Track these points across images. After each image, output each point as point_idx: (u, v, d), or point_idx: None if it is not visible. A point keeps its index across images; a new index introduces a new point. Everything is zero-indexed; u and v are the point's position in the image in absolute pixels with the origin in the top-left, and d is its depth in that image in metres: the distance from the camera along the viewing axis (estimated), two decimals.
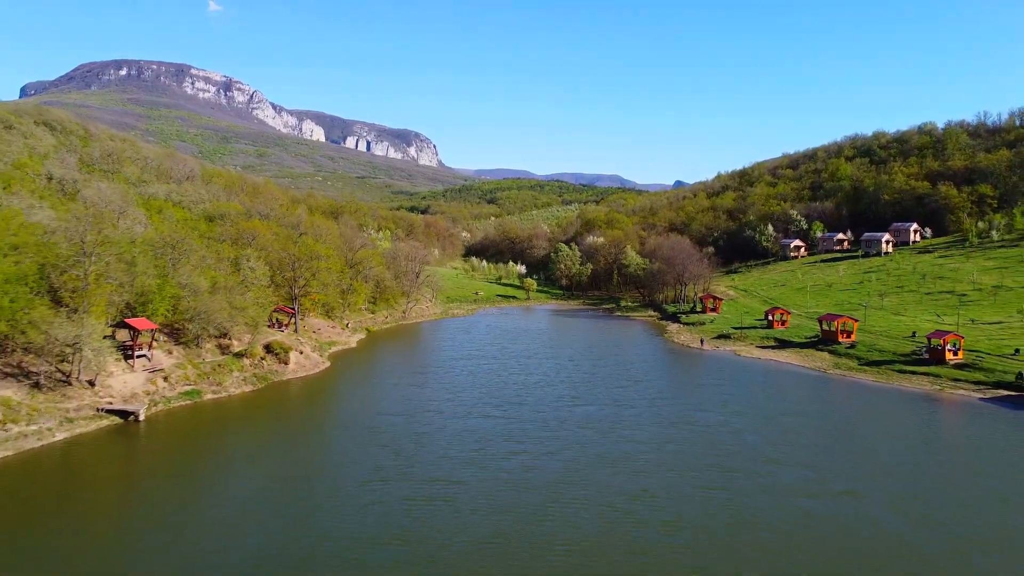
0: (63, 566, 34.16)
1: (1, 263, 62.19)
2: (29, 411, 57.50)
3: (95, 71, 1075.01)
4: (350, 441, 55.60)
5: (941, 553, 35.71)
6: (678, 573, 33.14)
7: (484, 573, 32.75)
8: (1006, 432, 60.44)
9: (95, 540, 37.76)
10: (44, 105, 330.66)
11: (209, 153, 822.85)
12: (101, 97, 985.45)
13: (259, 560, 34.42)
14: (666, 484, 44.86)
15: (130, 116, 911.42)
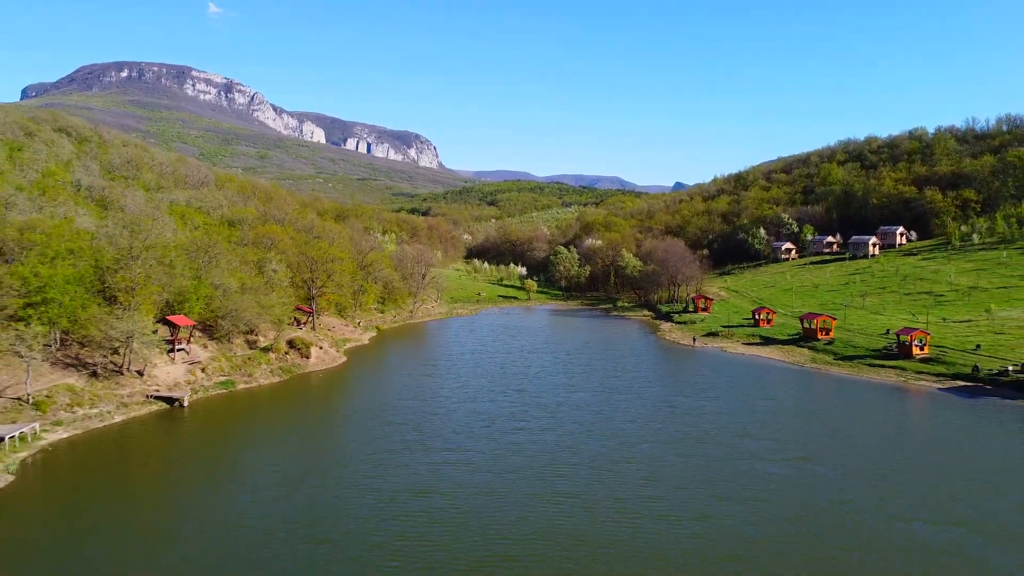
0: (126, 523, 42.32)
1: (60, 266, 70.47)
2: (91, 396, 65.81)
3: (96, 73, 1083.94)
4: (374, 421, 63.84)
5: (869, 503, 43.83)
6: (649, 514, 41.35)
7: (498, 515, 40.94)
8: (952, 416, 68.67)
9: (152, 504, 46.04)
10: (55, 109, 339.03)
11: (210, 155, 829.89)
12: (102, 99, 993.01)
13: (312, 508, 42.55)
14: (648, 452, 53.23)
15: (131, 118, 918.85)
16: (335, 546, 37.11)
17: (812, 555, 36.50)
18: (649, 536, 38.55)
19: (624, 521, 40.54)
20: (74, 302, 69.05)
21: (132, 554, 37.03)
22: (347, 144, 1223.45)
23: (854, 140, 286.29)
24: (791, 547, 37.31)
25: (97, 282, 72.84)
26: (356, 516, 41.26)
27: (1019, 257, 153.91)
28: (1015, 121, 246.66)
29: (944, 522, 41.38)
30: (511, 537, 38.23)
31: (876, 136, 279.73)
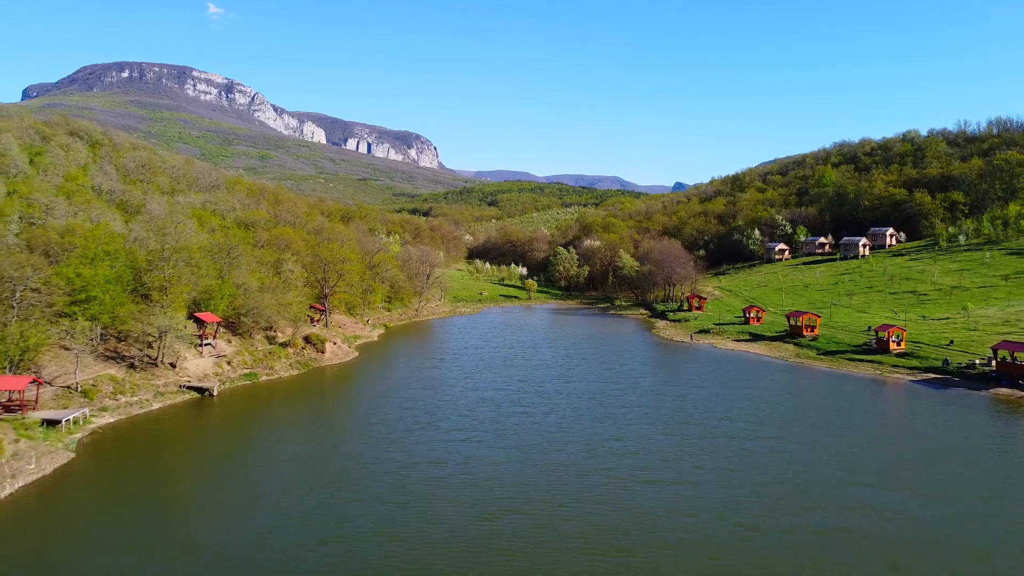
0: (166, 493, 49.02)
1: (100, 267, 77.06)
2: (131, 386, 72.42)
3: (97, 73, 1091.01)
4: (389, 406, 70.48)
5: (831, 473, 50.35)
6: (635, 480, 47.93)
7: (503, 480, 47.53)
8: (919, 404, 75.29)
9: (190, 479, 52.70)
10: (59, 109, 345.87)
11: (211, 155, 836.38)
12: (103, 99, 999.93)
13: (344, 472, 49.11)
14: (637, 432, 59.97)
15: (132, 118, 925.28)
16: (366, 503, 43.76)
17: (777, 512, 43.06)
18: (634, 496, 45.20)
19: (613, 484, 47.25)
20: (114, 300, 75.66)
21: (177, 514, 43.68)
22: (347, 144, 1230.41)
23: (849, 142, 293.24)
24: (758, 506, 43.88)
25: (133, 281, 79.39)
26: (382, 480, 47.95)
27: (1001, 258, 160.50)
28: (1005, 124, 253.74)
29: (893, 488, 47.96)
30: (515, 496, 44.88)
31: (870, 138, 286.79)
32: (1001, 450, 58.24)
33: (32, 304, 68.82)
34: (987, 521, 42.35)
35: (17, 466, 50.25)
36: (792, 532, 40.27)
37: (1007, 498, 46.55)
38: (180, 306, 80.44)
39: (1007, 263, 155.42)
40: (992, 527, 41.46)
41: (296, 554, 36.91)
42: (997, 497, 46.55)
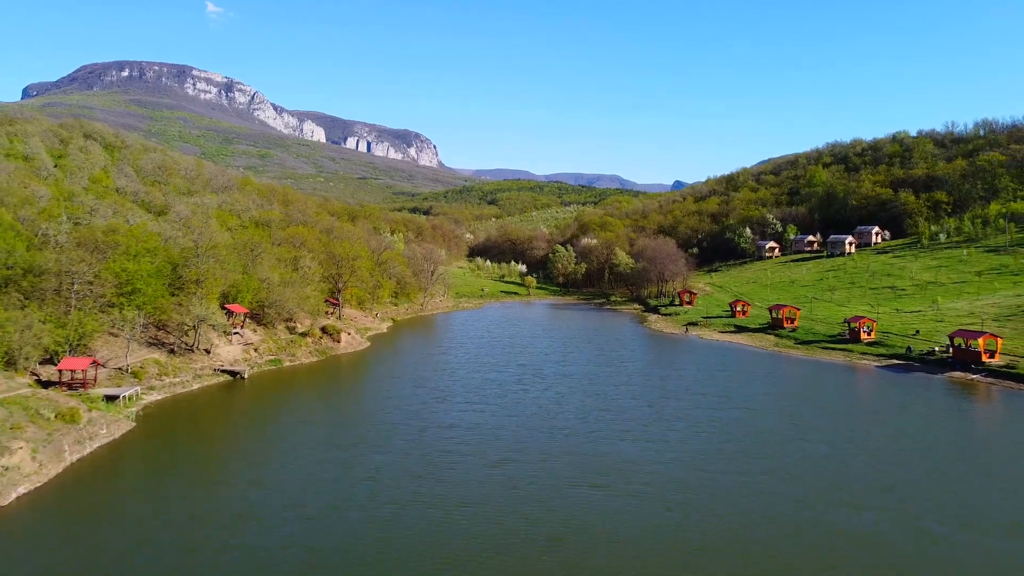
0: (221, 452, 58.25)
1: (143, 263, 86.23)
2: (173, 368, 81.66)
3: (97, 72, 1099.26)
4: (402, 386, 79.76)
5: (784, 433, 59.58)
6: (618, 439, 57.16)
7: (506, 440, 56.73)
8: (877, 385, 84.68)
9: (227, 449, 61.94)
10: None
11: (212, 154, 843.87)
12: (103, 98, 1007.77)
13: (370, 433, 58.23)
14: (622, 405, 69.59)
15: (132, 117, 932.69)
16: (392, 455, 53.05)
17: (734, 461, 52.25)
18: (615, 450, 54.58)
19: (599, 441, 56.68)
20: (155, 292, 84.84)
21: (235, 466, 52.93)
22: (347, 143, 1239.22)
23: (841, 143, 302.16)
24: (719, 457, 53.10)
25: (172, 275, 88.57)
26: (403, 440, 57.32)
27: (978, 255, 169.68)
28: (991, 126, 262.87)
29: (834, 443, 57.23)
30: (515, 450, 54.28)
31: (861, 139, 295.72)
32: (926, 418, 67.66)
33: (85, 295, 78.01)
34: (896, 464, 51.71)
35: (92, 431, 59.47)
36: (745, 474, 49.60)
37: (907, 449, 55.85)
38: (213, 298, 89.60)
39: (983, 260, 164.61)
40: (901, 468, 50.78)
41: (343, 490, 46.23)
42: (909, 449, 55.89)
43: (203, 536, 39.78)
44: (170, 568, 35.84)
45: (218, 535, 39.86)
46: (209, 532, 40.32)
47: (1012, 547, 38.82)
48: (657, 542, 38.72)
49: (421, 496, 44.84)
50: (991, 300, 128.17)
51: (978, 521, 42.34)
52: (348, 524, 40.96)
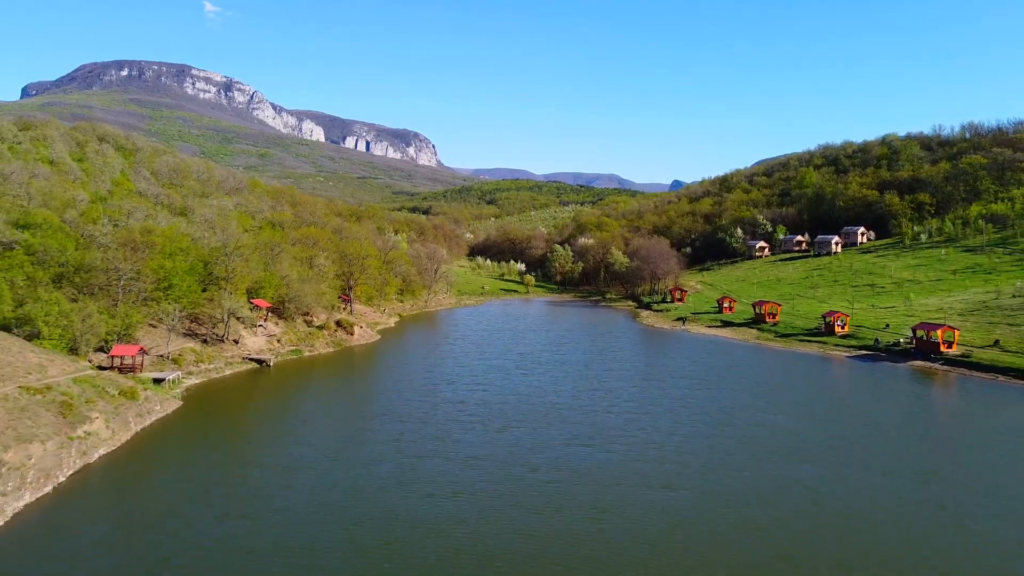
0: (254, 428, 67.70)
1: (178, 261, 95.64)
2: (207, 356, 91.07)
3: (96, 71, 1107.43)
4: (413, 372, 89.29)
5: (749, 409, 69.07)
6: (606, 412, 66.66)
7: (509, 412, 66.18)
8: (844, 371, 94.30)
9: (267, 421, 71.43)
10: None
11: (211, 153, 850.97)
12: (103, 97, 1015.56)
13: (390, 407, 67.64)
14: (610, 385, 79.43)
15: (132, 116, 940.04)
16: (411, 424, 62.65)
17: (701, 426, 61.76)
18: (604, 421, 64.19)
19: (589, 414, 66.43)
20: (189, 287, 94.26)
21: (276, 434, 62.42)
22: (346, 142, 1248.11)
23: (832, 144, 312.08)
24: (689, 423, 62.65)
25: (203, 272, 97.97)
26: (418, 413, 66.96)
27: (956, 254, 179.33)
28: (976, 129, 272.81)
29: (791, 415, 66.84)
30: (517, 420, 64.01)
31: (852, 141, 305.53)
32: (879, 396, 77.36)
33: (129, 290, 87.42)
34: (841, 429, 61.31)
35: (149, 407, 68.90)
36: (709, 437, 59.37)
37: (853, 419, 65.45)
38: (241, 293, 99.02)
39: (960, 259, 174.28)
40: (844, 432, 60.36)
41: (374, 448, 55.81)
42: (854, 418, 65.52)
43: (262, 482, 49.24)
44: (240, 507, 45.28)
45: (277, 480, 49.38)
46: (268, 478, 49.82)
47: (917, 488, 48.36)
48: (635, 483, 48.23)
49: (439, 452, 54.46)
50: (961, 297, 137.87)
51: (898, 470, 51.94)
52: (382, 471, 50.50)
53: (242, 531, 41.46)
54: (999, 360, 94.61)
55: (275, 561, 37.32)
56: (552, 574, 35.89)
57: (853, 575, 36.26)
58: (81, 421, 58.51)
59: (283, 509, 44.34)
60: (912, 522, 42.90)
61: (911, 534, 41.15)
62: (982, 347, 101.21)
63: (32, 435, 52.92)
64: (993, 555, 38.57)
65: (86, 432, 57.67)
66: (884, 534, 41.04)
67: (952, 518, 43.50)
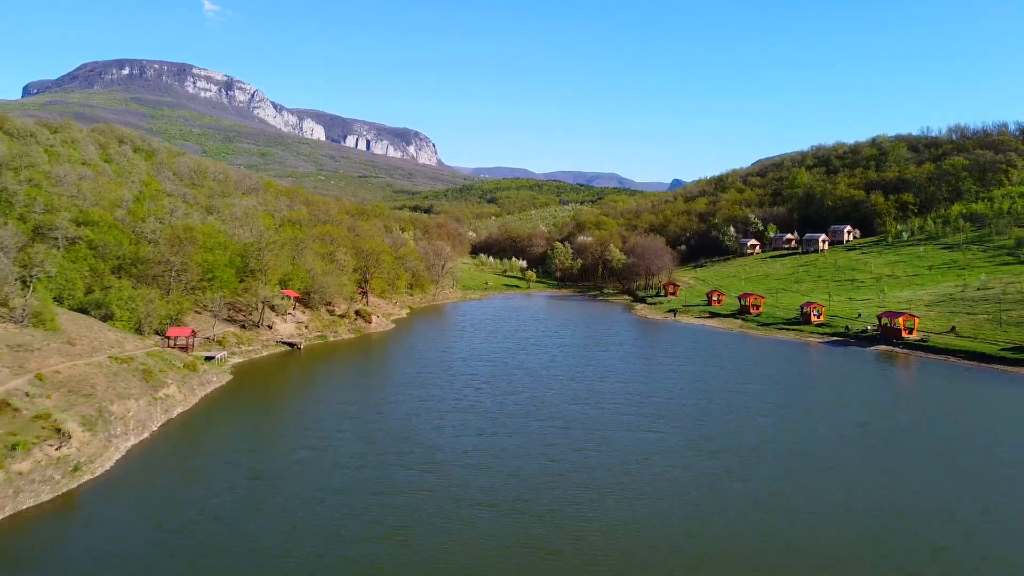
0: (302, 395, 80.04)
1: (219, 255, 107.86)
2: (246, 339, 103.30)
3: (97, 70, 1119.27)
4: (430, 354, 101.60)
5: (720, 380, 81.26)
6: (598, 381, 78.90)
7: (514, 383, 78.43)
8: (813, 354, 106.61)
9: (305, 391, 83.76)
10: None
11: (213, 152, 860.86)
12: (104, 96, 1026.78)
13: (417, 375, 79.84)
14: (605, 362, 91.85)
15: (133, 115, 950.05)
16: (434, 390, 75.08)
17: (677, 397, 74.02)
18: (596, 387, 76.55)
19: (582, 381, 78.70)
20: (229, 279, 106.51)
21: (313, 402, 74.73)
22: (347, 141, 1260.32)
23: (824, 145, 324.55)
24: (665, 395, 74.92)
25: (241, 264, 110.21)
26: (440, 382, 79.50)
27: (935, 251, 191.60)
28: (962, 131, 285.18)
29: (757, 384, 79.12)
30: (522, 387, 76.55)
31: (844, 142, 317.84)
32: (836, 371, 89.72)
33: (179, 280, 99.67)
34: (794, 393, 73.60)
35: (207, 378, 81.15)
36: (680, 398, 71.62)
37: (808, 385, 77.76)
38: (274, 284, 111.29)
39: (937, 256, 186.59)
40: (798, 396, 72.68)
41: (407, 406, 68.12)
42: (809, 385, 77.83)
43: (317, 432, 61.50)
44: (309, 441, 57.55)
45: (329, 428, 61.68)
46: (322, 428, 62.14)
47: (854, 434, 60.69)
48: (617, 428, 60.52)
49: (459, 410, 67.03)
50: (931, 290, 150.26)
51: (840, 420, 64.26)
52: (417, 421, 62.99)
53: (313, 460, 53.80)
54: (952, 344, 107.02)
55: (339, 478, 49.61)
56: (550, 480, 48.12)
57: (790, 484, 48.48)
58: (160, 386, 70.83)
59: (345, 444, 56.66)
60: (846, 460, 55.23)
61: (846, 469, 53.48)
62: (939, 333, 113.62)
63: (128, 394, 65.26)
64: (908, 477, 50.87)
65: (165, 395, 69.96)
66: (821, 467, 53.39)
67: (879, 456, 55.84)
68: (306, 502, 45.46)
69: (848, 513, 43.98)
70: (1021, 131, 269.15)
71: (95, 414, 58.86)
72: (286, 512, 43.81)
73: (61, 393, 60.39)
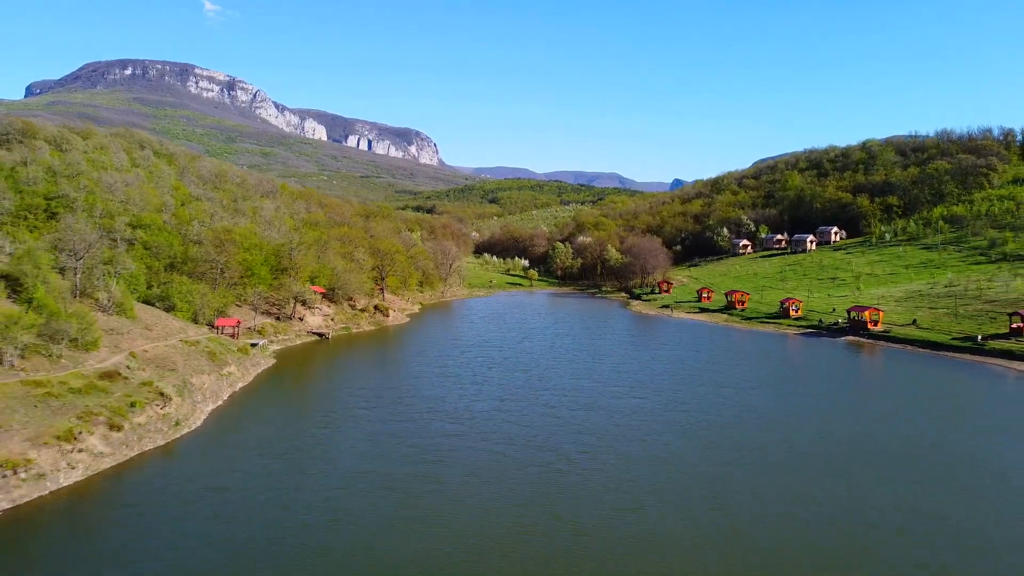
0: (336, 376, 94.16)
1: (255, 255, 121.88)
2: (281, 329, 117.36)
3: (100, 70, 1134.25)
4: (447, 341, 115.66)
5: (699, 365, 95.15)
6: (592, 359, 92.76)
7: (518, 363, 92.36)
8: (788, 344, 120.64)
9: (335, 375, 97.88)
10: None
11: (216, 152, 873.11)
12: (107, 97, 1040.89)
13: (438, 356, 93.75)
14: (601, 349, 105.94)
15: (136, 116, 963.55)
16: (453, 368, 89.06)
17: (660, 378, 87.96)
18: (592, 367, 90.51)
19: (581, 362, 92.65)
20: (265, 276, 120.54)
21: (349, 380, 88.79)
22: (348, 141, 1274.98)
23: (817, 148, 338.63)
24: (649, 376, 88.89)
25: (275, 263, 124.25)
26: (458, 364, 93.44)
27: (914, 251, 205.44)
28: (948, 135, 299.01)
29: (732, 364, 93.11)
30: (528, 366, 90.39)
31: (836, 145, 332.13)
32: (803, 354, 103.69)
33: (223, 277, 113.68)
34: (762, 370, 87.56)
35: (257, 361, 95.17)
36: (663, 374, 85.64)
37: (775, 365, 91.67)
38: (304, 281, 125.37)
39: (916, 255, 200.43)
40: (765, 372, 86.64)
41: (433, 381, 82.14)
42: (776, 365, 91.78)
43: (362, 398, 75.50)
44: (352, 411, 71.60)
45: (371, 395, 75.72)
46: (365, 395, 76.15)
47: (808, 401, 74.65)
48: (605, 397, 74.46)
49: (478, 384, 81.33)
50: (904, 287, 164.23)
51: (799, 393, 78.22)
52: (442, 390, 77.03)
53: (364, 416, 67.90)
54: (911, 335, 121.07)
55: (389, 426, 63.63)
56: (553, 429, 62.07)
57: (738, 426, 62.44)
58: (223, 365, 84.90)
59: (387, 405, 70.76)
60: (796, 425, 69.28)
61: (794, 431, 67.52)
62: (902, 325, 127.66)
63: (201, 370, 79.38)
64: (857, 441, 64.93)
65: (228, 372, 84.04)
66: (775, 430, 67.49)
67: (825, 423, 69.94)
68: (364, 442, 59.58)
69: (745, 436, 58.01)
70: (1004, 136, 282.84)
71: (181, 384, 72.95)
72: (350, 449, 57.89)
73: (151, 367, 74.47)
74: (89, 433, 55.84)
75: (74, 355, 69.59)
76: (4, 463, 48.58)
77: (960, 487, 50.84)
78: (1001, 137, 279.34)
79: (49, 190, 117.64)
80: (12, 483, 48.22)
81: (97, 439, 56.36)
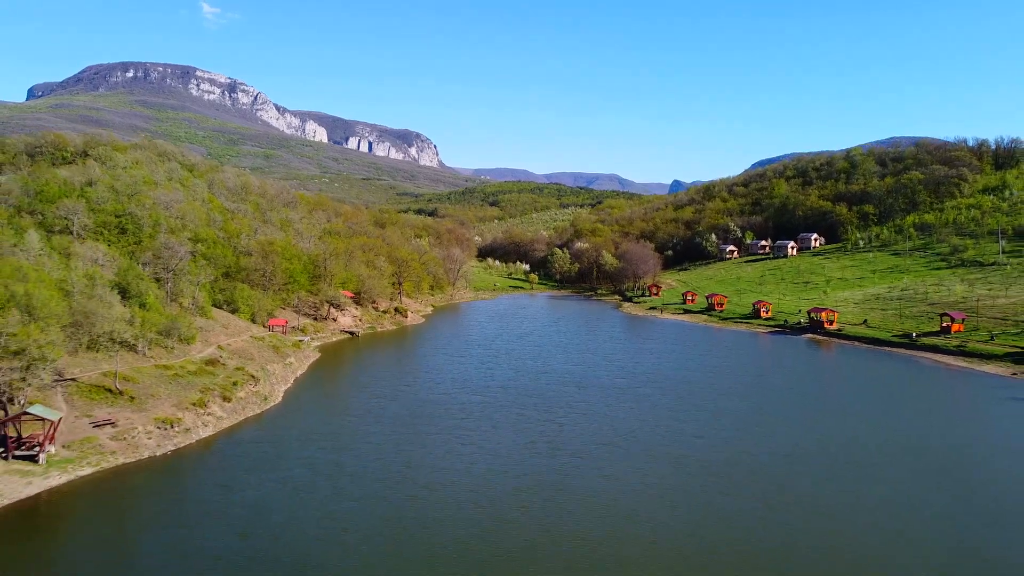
0: (369, 368, 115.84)
1: (296, 263, 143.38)
2: (320, 328, 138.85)
3: (102, 73, 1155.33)
4: (459, 340, 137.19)
5: (674, 359, 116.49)
6: (588, 352, 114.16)
7: (522, 354, 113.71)
8: (754, 340, 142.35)
9: (374, 364, 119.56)
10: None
11: (218, 155, 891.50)
12: (109, 99, 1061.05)
13: (455, 350, 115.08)
14: (593, 346, 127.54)
15: (138, 118, 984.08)
16: (469, 359, 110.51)
17: (646, 362, 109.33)
18: (586, 357, 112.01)
19: (576, 352, 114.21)
20: (304, 282, 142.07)
21: (386, 367, 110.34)
22: (349, 143, 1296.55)
23: (805, 156, 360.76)
24: (631, 367, 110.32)
25: (312, 271, 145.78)
26: (472, 356, 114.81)
27: (884, 257, 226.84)
28: (927, 146, 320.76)
29: (702, 360, 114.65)
30: (532, 356, 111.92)
31: (824, 152, 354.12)
32: (760, 348, 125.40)
33: (270, 283, 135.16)
34: (726, 358, 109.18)
35: (307, 354, 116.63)
36: (646, 364, 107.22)
37: (736, 356, 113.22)
38: (337, 286, 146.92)
39: (885, 261, 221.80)
40: (728, 360, 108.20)
41: (456, 367, 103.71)
42: (736, 356, 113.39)
43: (403, 379, 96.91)
44: (398, 388, 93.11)
45: (408, 377, 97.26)
46: (404, 378, 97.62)
47: (757, 381, 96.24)
48: (593, 381, 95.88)
49: (488, 370, 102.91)
50: (867, 290, 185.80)
51: (737, 373, 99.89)
52: (463, 373, 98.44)
53: (410, 390, 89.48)
54: (861, 333, 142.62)
55: (427, 396, 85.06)
56: (555, 402, 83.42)
57: (701, 400, 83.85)
58: (285, 356, 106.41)
59: (424, 385, 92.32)
60: (749, 404, 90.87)
61: (749, 410, 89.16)
62: (854, 324, 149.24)
63: (271, 359, 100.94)
64: (800, 423, 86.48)
65: (290, 362, 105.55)
66: (727, 407, 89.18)
67: (775, 405, 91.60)
68: (412, 407, 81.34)
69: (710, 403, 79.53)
70: (979, 146, 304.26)
71: (261, 370, 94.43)
72: (400, 415, 79.39)
73: (236, 357, 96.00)
74: (212, 402, 77.39)
75: (180, 347, 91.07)
76: (166, 420, 70.14)
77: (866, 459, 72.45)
78: (975, 147, 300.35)
79: (116, 208, 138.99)
80: (171, 434, 69.72)
81: (216, 407, 77.90)
